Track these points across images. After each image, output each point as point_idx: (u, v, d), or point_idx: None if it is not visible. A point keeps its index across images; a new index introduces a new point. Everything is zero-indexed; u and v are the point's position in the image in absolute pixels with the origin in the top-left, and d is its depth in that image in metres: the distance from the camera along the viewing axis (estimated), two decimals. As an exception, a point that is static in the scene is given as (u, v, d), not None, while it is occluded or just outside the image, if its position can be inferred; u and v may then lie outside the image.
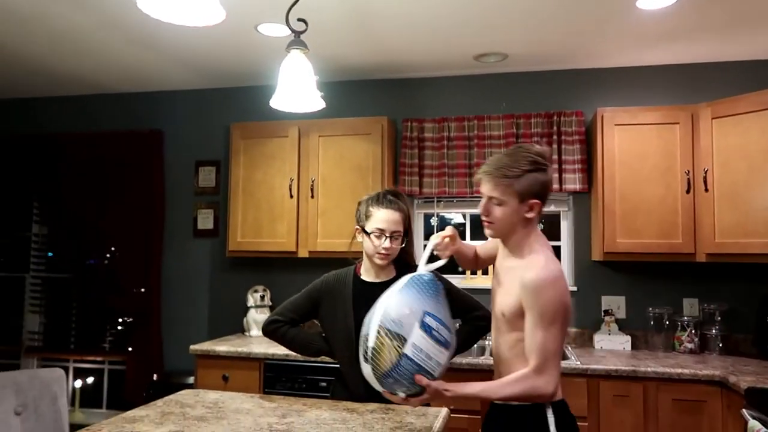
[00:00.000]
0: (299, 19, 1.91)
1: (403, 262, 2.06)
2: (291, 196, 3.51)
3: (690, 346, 3.18)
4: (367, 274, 2.07)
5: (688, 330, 3.19)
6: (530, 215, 1.63)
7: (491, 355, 3.11)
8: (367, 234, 1.98)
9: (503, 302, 1.67)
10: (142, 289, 3.96)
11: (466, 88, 3.69)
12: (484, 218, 1.68)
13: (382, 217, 1.96)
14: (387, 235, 1.95)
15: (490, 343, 3.42)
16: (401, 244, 1.99)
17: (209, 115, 4.06)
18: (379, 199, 2.01)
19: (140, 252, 3.98)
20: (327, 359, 2.31)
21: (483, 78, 3.67)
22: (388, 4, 2.66)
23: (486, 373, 2.84)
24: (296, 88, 1.84)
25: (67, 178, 4.10)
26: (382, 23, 2.91)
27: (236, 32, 3.03)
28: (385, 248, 1.95)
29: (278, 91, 1.88)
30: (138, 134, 4.05)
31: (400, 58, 3.42)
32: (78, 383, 4.09)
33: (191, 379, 3.49)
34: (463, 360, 2.88)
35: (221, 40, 3.17)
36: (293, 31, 1.84)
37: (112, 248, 4.09)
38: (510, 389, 1.56)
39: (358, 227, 2.05)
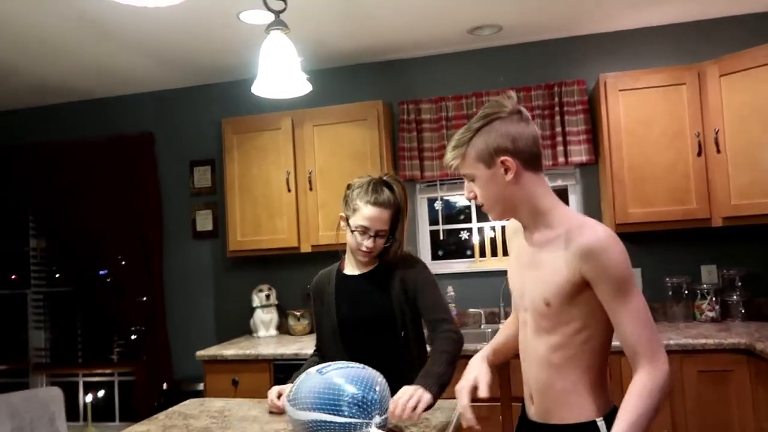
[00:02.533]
0: (278, -1, 1.79)
1: (388, 255, 1.89)
2: (289, 190, 3.40)
3: (711, 314, 3.07)
4: (349, 267, 1.94)
5: (708, 298, 3.08)
6: (509, 176, 1.33)
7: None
8: (350, 228, 1.84)
9: (545, 288, 1.33)
10: (145, 297, 3.87)
11: (462, 65, 3.56)
12: (475, 202, 1.43)
13: (368, 215, 1.80)
14: (371, 234, 1.81)
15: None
16: (386, 243, 1.85)
17: (199, 113, 3.94)
18: (369, 192, 1.82)
19: (140, 259, 3.89)
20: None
21: (478, 53, 3.54)
22: (373, -20, 2.54)
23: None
24: (279, 72, 1.72)
25: (60, 189, 3.99)
26: (368, 2, 2.78)
27: (218, 22, 2.91)
28: (367, 246, 1.82)
29: (259, 76, 1.76)
30: (127, 138, 3.94)
31: (391, 38, 3.29)
32: (89, 398, 4.01)
33: (201, 386, 3.40)
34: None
35: (203, 33, 3.05)
36: (271, 10, 1.72)
37: (112, 257, 3.99)
38: (646, 411, 1.24)
39: (343, 215, 1.89)
